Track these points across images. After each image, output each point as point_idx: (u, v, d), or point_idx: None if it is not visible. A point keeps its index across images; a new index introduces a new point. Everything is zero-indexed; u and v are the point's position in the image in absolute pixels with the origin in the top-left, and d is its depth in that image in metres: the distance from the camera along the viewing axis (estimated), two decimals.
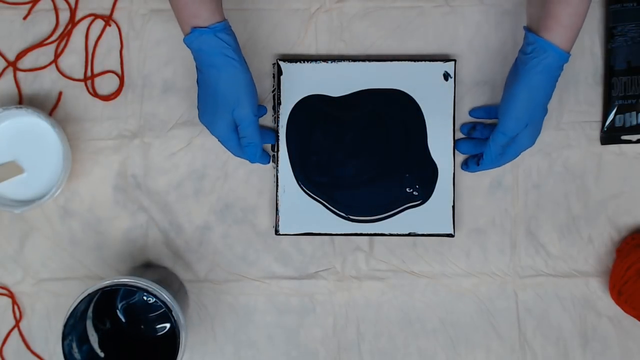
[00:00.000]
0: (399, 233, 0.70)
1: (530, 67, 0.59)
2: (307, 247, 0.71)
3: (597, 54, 0.72)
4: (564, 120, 0.72)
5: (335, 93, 0.70)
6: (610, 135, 0.71)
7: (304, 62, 0.70)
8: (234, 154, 0.65)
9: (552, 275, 0.71)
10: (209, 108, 0.62)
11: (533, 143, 0.64)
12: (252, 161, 0.65)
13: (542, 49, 0.59)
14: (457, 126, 0.71)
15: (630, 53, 0.70)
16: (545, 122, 0.71)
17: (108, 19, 0.72)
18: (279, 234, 0.69)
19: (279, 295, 0.71)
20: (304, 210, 0.69)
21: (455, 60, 0.70)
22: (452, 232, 0.69)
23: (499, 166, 0.66)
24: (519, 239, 0.71)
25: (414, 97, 0.70)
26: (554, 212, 0.71)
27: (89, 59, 0.72)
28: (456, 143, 0.70)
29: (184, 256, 0.71)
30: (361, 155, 0.70)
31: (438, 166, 0.70)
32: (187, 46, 0.60)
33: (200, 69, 0.61)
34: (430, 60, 0.70)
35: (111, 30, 0.72)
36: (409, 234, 0.70)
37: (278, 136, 0.70)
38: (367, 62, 0.70)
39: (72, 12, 0.72)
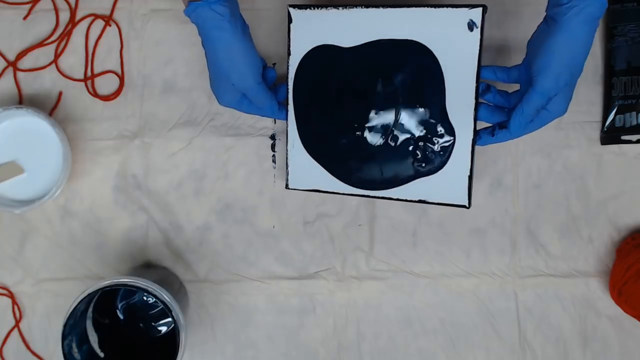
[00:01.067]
0: (407, 199, 0.64)
1: (570, 16, 0.54)
2: (307, 247, 0.71)
3: (597, 54, 0.72)
4: (564, 120, 0.72)
5: (347, 43, 0.64)
6: (611, 136, 0.71)
7: (314, 8, 0.64)
8: (256, 115, 0.66)
9: (552, 275, 0.71)
10: (214, 79, 0.62)
11: (566, 109, 0.58)
12: (273, 115, 0.66)
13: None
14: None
15: (631, 53, 0.70)
16: None
17: (108, 19, 0.72)
18: (289, 189, 0.68)
19: (279, 296, 0.71)
20: (310, 167, 0.67)
21: (483, 6, 0.59)
22: (467, 204, 0.62)
23: (520, 136, 0.60)
24: (519, 239, 0.71)
25: (432, 49, 0.61)
26: (554, 212, 0.71)
27: (89, 59, 0.72)
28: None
29: (184, 256, 0.71)
30: (369, 115, 0.64)
31: (456, 131, 0.61)
32: (187, 16, 0.59)
33: (202, 42, 0.60)
34: (452, 6, 0.60)
35: (111, 30, 0.72)
36: (419, 201, 0.64)
37: (288, 90, 0.66)
38: (381, 9, 0.62)
39: (72, 12, 0.72)
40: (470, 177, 0.62)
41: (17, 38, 0.71)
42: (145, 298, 0.70)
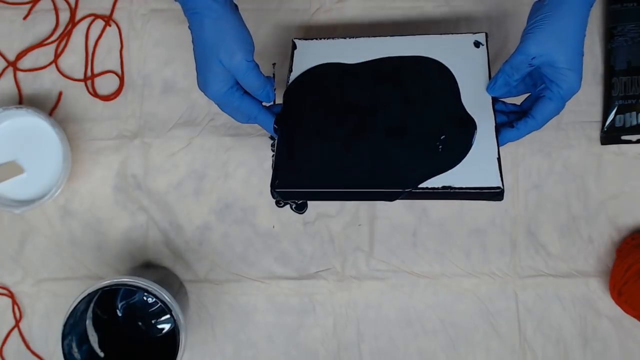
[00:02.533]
0: (431, 187, 0.55)
1: None
2: (307, 247, 0.71)
3: (597, 54, 0.72)
4: (564, 120, 0.72)
5: (352, 61, 0.64)
6: (611, 136, 0.71)
7: (320, 39, 0.65)
8: (239, 120, 0.60)
9: (552, 275, 0.71)
10: (201, 64, 0.56)
11: (580, 84, 0.55)
12: (268, 100, 0.59)
13: None
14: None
15: (630, 53, 0.70)
16: None
17: (108, 19, 0.72)
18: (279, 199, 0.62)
19: (279, 295, 0.71)
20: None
21: (486, 33, 0.64)
22: (501, 186, 0.55)
23: (543, 124, 0.57)
24: (519, 239, 0.71)
25: (441, 61, 0.62)
26: (554, 212, 0.71)
27: (89, 59, 0.72)
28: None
29: (184, 256, 0.71)
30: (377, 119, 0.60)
31: (477, 121, 0.58)
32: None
33: (188, 20, 0.56)
34: (458, 34, 0.64)
35: (111, 30, 0.72)
36: (443, 188, 0.54)
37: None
38: (388, 37, 0.64)
39: (72, 12, 0.72)
40: (499, 159, 0.56)
41: (17, 38, 0.71)
42: (145, 298, 0.70)
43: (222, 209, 0.71)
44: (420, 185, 0.55)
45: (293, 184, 0.57)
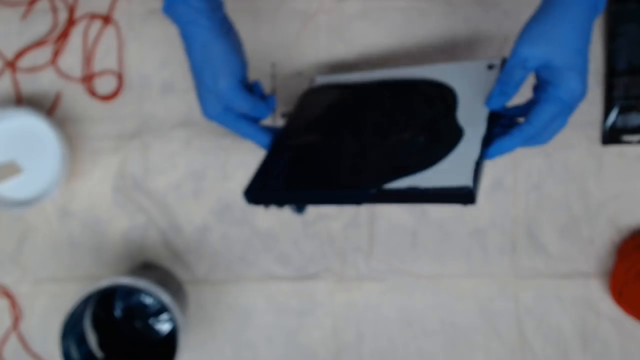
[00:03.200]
0: (395, 188, 0.50)
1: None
2: (306, 247, 0.71)
3: (598, 55, 0.72)
4: None
5: (358, 82, 0.65)
6: (611, 136, 0.71)
7: (339, 73, 0.67)
8: (241, 135, 0.59)
9: (553, 276, 0.71)
10: (196, 87, 0.57)
11: (585, 88, 0.51)
12: (263, 116, 0.58)
13: None
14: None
15: (632, 53, 0.70)
16: None
17: (107, 19, 0.72)
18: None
19: (278, 296, 0.71)
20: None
21: (503, 58, 0.58)
22: (470, 185, 0.48)
23: (536, 127, 0.52)
24: (519, 239, 0.71)
25: (447, 82, 0.60)
26: (554, 212, 0.71)
27: (87, 59, 0.72)
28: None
29: (183, 257, 0.71)
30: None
31: (466, 130, 0.53)
32: (165, 13, 0.56)
33: (182, 40, 0.56)
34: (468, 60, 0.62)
35: (110, 30, 0.72)
36: (408, 189, 0.50)
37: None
38: (403, 67, 0.64)
39: (71, 11, 0.72)
40: (478, 162, 0.50)
41: (15, 38, 0.71)
42: (144, 299, 0.70)
43: (222, 210, 0.71)
44: (386, 187, 0.50)
45: (263, 187, 0.56)
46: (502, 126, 0.55)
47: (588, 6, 0.50)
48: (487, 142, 0.53)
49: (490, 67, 0.59)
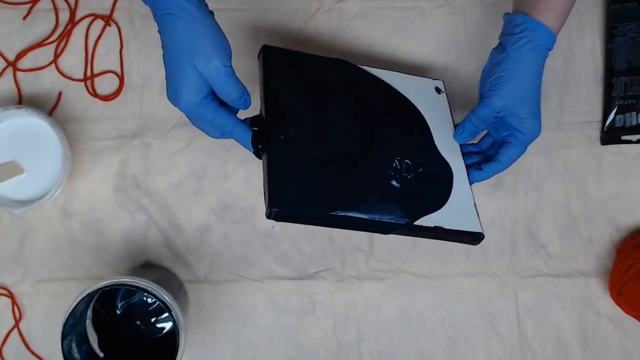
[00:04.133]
0: (425, 225, 0.56)
1: (520, 45, 0.58)
2: (306, 247, 0.71)
3: (597, 54, 0.72)
4: (564, 121, 0.72)
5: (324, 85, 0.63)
6: (611, 136, 0.71)
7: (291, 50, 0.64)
8: (212, 136, 0.56)
9: (552, 275, 0.71)
10: (172, 73, 0.51)
11: (540, 129, 0.60)
12: (245, 107, 0.54)
13: (531, 29, 0.57)
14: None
15: (631, 53, 0.70)
16: (545, 122, 0.71)
17: (108, 19, 0.72)
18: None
19: (279, 296, 0.71)
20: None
21: (443, 81, 0.69)
22: (482, 231, 0.58)
23: (504, 166, 0.61)
24: (519, 239, 0.71)
25: (411, 101, 0.66)
26: (554, 212, 0.71)
27: (88, 59, 0.72)
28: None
29: (183, 256, 0.71)
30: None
31: (450, 164, 0.62)
32: (143, 0, 0.52)
33: (158, 23, 0.51)
34: (421, 76, 0.68)
35: (111, 30, 0.72)
36: (435, 228, 0.56)
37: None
38: (357, 67, 0.66)
39: (72, 12, 0.72)
40: (476, 207, 0.60)
41: (16, 38, 0.71)
42: (145, 298, 0.70)
43: (222, 209, 0.71)
44: (416, 223, 0.56)
45: (292, 209, 0.53)
46: (466, 153, 0.64)
47: (543, 57, 0.58)
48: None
49: (438, 91, 0.68)
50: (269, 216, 0.52)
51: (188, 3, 0.50)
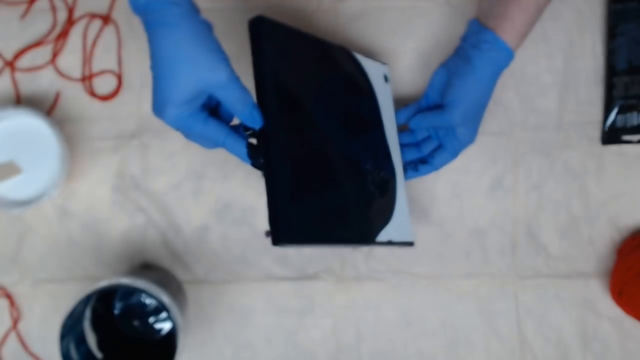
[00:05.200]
0: (381, 240, 0.60)
1: (486, 63, 0.60)
2: (306, 247, 0.71)
3: (598, 54, 0.72)
4: (564, 120, 0.71)
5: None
6: (611, 136, 0.71)
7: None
8: (205, 147, 0.54)
9: (553, 276, 0.71)
10: (162, 83, 0.48)
11: (474, 138, 0.64)
12: (255, 126, 0.52)
13: (498, 49, 0.59)
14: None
15: (632, 53, 0.70)
16: (545, 122, 0.71)
17: (106, 19, 0.71)
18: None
19: (278, 296, 0.71)
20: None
21: (387, 64, 0.69)
22: (414, 241, 0.64)
23: (441, 167, 0.65)
24: (519, 239, 0.71)
25: (374, 87, 0.65)
26: (554, 212, 0.71)
27: (87, 58, 0.71)
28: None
29: (182, 257, 0.71)
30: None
31: (394, 165, 0.65)
32: (134, 10, 0.49)
33: (151, 34, 0.48)
34: (371, 58, 0.67)
35: (109, 29, 0.72)
36: (388, 242, 0.60)
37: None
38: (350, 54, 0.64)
39: (70, 11, 0.71)
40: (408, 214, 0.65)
41: (14, 37, 0.71)
42: (143, 299, 0.70)
43: (221, 210, 0.71)
44: (377, 239, 0.60)
45: (295, 240, 0.52)
46: (406, 146, 0.67)
47: (498, 77, 0.61)
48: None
49: (386, 79, 0.68)
50: (275, 244, 0.51)
51: (184, 12, 0.48)
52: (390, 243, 0.61)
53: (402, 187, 0.65)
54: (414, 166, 0.66)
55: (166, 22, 0.47)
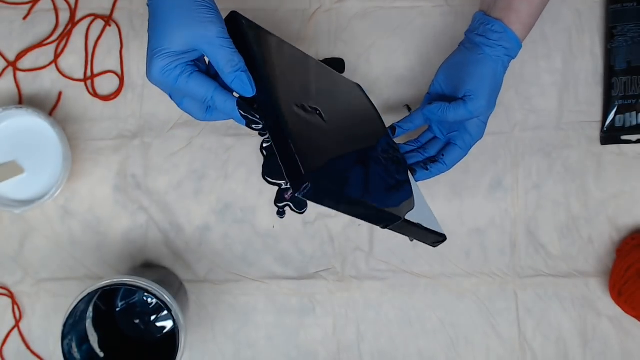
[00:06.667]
0: (413, 221, 0.55)
1: (497, 54, 0.59)
2: (307, 247, 0.71)
3: (597, 54, 0.72)
4: (564, 120, 0.72)
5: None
6: (610, 136, 0.71)
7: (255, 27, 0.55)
8: (197, 117, 0.52)
9: (552, 275, 0.71)
10: (154, 44, 0.48)
11: (483, 134, 0.63)
12: (245, 94, 0.48)
13: (507, 39, 0.59)
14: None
15: (631, 53, 0.70)
16: (545, 122, 0.72)
17: (108, 19, 0.72)
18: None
19: (279, 296, 0.71)
20: None
21: (359, 86, 0.68)
22: (444, 233, 0.60)
23: (449, 167, 0.63)
24: (519, 239, 0.71)
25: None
26: (554, 212, 0.71)
27: (88, 59, 0.72)
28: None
29: (183, 256, 0.71)
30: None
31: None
32: None
33: (150, 5, 0.49)
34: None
35: (111, 30, 0.72)
36: (417, 225, 0.55)
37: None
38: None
39: (72, 12, 0.72)
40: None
41: (17, 38, 0.71)
42: (145, 298, 0.70)
43: (222, 209, 0.71)
44: (407, 218, 0.54)
45: (325, 184, 0.47)
46: (410, 151, 0.65)
47: (506, 68, 0.60)
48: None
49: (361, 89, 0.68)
50: (300, 192, 0.45)
51: None
52: (421, 227, 0.55)
53: (416, 188, 0.61)
54: (424, 166, 0.63)
55: None
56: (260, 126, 0.49)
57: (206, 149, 0.71)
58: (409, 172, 0.62)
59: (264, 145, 0.68)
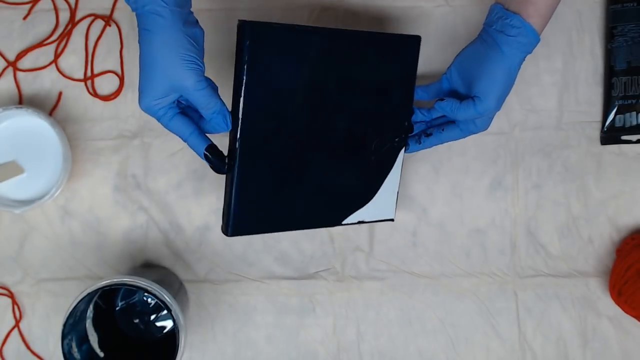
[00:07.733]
0: (349, 222, 0.64)
1: (516, 50, 0.59)
2: (306, 247, 0.71)
3: (597, 54, 0.72)
4: (564, 121, 0.72)
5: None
6: (610, 136, 0.71)
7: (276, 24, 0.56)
8: (185, 140, 0.56)
9: (552, 275, 0.71)
10: (143, 81, 0.55)
11: (488, 127, 0.64)
12: (222, 131, 0.56)
13: (525, 34, 0.58)
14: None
15: (631, 53, 0.70)
16: (545, 122, 0.72)
17: (108, 19, 0.72)
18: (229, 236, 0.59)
19: (279, 296, 0.71)
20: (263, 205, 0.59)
21: (419, 37, 0.63)
22: (393, 217, 0.66)
23: (443, 143, 0.65)
24: (519, 239, 0.71)
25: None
26: (554, 212, 0.71)
27: (89, 59, 0.72)
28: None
29: (183, 256, 0.71)
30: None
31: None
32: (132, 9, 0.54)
33: (139, 34, 0.55)
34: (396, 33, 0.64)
35: (111, 30, 0.72)
36: (359, 222, 0.64)
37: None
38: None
39: (72, 12, 0.72)
40: (398, 193, 0.66)
41: (17, 38, 0.71)
42: (145, 298, 0.70)
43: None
44: (343, 222, 0.63)
45: (246, 230, 0.59)
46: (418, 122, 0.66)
47: (524, 59, 0.60)
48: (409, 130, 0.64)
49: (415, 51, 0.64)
50: (225, 233, 0.59)
51: (167, 23, 0.53)
52: (361, 223, 0.64)
53: (401, 161, 0.64)
54: (417, 139, 0.65)
55: (148, 29, 0.54)
56: (223, 170, 0.57)
57: None
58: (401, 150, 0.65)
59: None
